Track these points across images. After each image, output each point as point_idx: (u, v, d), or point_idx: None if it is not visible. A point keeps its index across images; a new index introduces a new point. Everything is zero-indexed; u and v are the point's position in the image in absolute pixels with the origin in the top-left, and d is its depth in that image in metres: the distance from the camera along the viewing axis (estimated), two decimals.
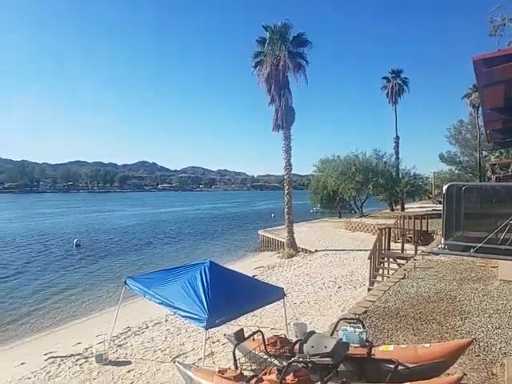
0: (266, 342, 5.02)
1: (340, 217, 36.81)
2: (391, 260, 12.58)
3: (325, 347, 3.77)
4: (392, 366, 3.71)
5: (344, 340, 4.08)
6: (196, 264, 7.38)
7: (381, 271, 12.08)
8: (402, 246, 13.33)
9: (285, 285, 11.49)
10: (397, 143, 36.28)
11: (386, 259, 12.52)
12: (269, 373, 3.90)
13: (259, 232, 28.22)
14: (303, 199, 47.57)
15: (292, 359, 3.96)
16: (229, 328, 7.61)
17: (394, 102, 36.26)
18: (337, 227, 28.92)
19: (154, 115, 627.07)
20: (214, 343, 7.90)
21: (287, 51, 20.16)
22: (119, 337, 9.09)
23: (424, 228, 16.45)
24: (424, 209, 33.74)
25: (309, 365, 3.86)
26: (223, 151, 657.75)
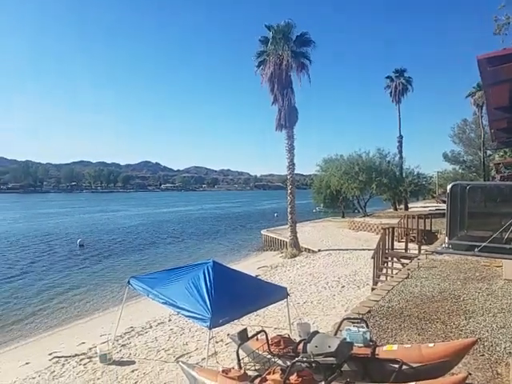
0: (270, 342, 5.02)
1: (343, 216, 36.73)
2: (395, 259, 12.54)
3: (329, 347, 3.77)
4: (396, 366, 3.70)
5: (348, 340, 4.07)
6: (199, 264, 7.38)
7: (384, 271, 12.05)
8: (406, 246, 13.29)
9: (288, 284, 11.49)
10: (400, 142, 36.14)
11: (390, 259, 12.48)
12: (272, 372, 3.90)
13: (262, 232, 28.19)
14: (306, 199, 47.49)
15: (296, 359, 3.95)
16: (232, 328, 7.61)
17: (398, 102, 36.11)
18: (340, 227, 28.86)
19: (156, 115, 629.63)
20: (218, 343, 7.91)
21: (290, 51, 20.14)
22: (123, 336, 9.11)
23: (428, 227, 16.39)
24: (428, 208, 33.62)
25: (313, 364, 3.86)
26: (226, 151, 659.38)
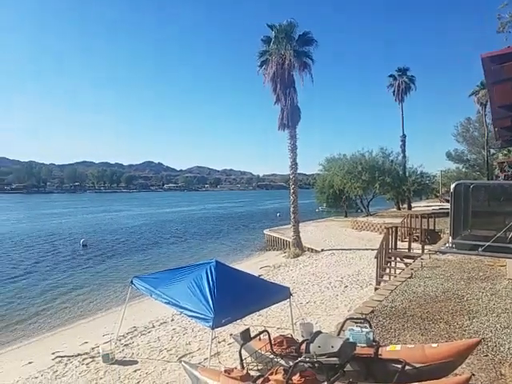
0: (273, 342, 5.00)
1: (346, 216, 36.67)
2: (398, 259, 12.50)
3: (331, 347, 3.75)
4: (399, 366, 3.68)
5: (351, 340, 4.05)
6: (202, 263, 7.39)
7: (388, 270, 12.01)
8: (409, 245, 13.25)
9: (291, 284, 11.47)
10: (403, 141, 36.05)
11: (393, 258, 12.45)
12: (275, 373, 3.88)
13: (265, 231, 28.19)
14: (309, 198, 47.50)
15: (299, 359, 3.94)
16: (235, 328, 7.60)
17: (401, 101, 36.02)
18: (343, 226, 28.81)
19: (158, 115, 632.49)
20: (220, 343, 7.90)
21: (293, 50, 20.09)
22: (125, 336, 9.12)
23: (431, 227, 16.35)
24: (431, 207, 33.55)
25: (315, 365, 3.84)
26: (228, 151, 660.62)
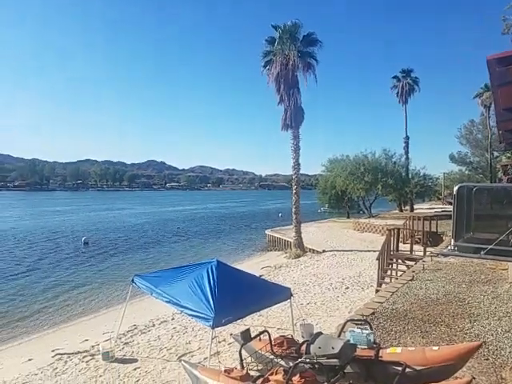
0: (273, 343, 5.00)
1: (348, 217, 36.62)
2: (400, 261, 12.46)
3: (332, 348, 3.74)
4: (400, 369, 3.66)
5: (351, 341, 4.04)
6: (203, 263, 7.37)
7: (389, 272, 11.98)
8: (411, 247, 13.21)
9: (292, 285, 11.44)
10: (406, 143, 35.99)
11: (395, 260, 12.41)
12: (275, 373, 3.88)
13: (266, 231, 28.19)
14: (311, 199, 47.46)
15: (299, 360, 3.93)
16: (235, 327, 7.59)
17: (404, 102, 35.99)
18: (345, 227, 28.78)
19: (160, 115, 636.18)
20: (220, 342, 7.89)
21: (297, 50, 20.09)
22: (126, 335, 9.11)
23: (433, 229, 16.28)
24: (433, 210, 33.43)
25: (316, 366, 3.84)
26: (231, 150, 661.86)
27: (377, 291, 10.33)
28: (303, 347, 4.39)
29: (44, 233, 32.88)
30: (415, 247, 13.59)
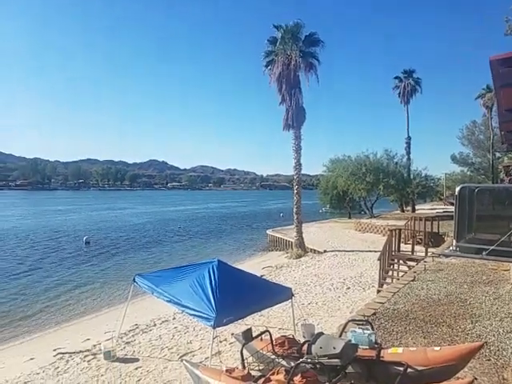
0: (274, 343, 5.00)
1: (350, 217, 36.58)
2: (401, 262, 12.45)
3: (333, 348, 3.74)
4: (401, 369, 3.66)
5: (353, 342, 4.04)
6: (204, 263, 7.38)
7: (390, 273, 11.97)
8: (413, 248, 13.20)
9: (293, 285, 11.45)
10: (408, 144, 35.95)
11: (396, 261, 12.41)
12: (276, 373, 3.88)
13: (268, 231, 28.17)
14: (312, 199, 47.38)
15: (300, 360, 3.93)
16: (236, 327, 7.60)
17: (406, 103, 35.95)
18: (346, 228, 28.75)
19: (162, 114, 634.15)
20: (221, 342, 7.90)
21: (299, 50, 20.09)
22: (127, 334, 9.12)
23: (435, 230, 16.26)
24: (435, 210, 33.37)
25: (317, 366, 3.84)
26: (232, 150, 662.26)
27: (378, 291, 10.33)
28: (304, 347, 4.38)
29: (46, 232, 32.95)
30: (417, 248, 13.57)
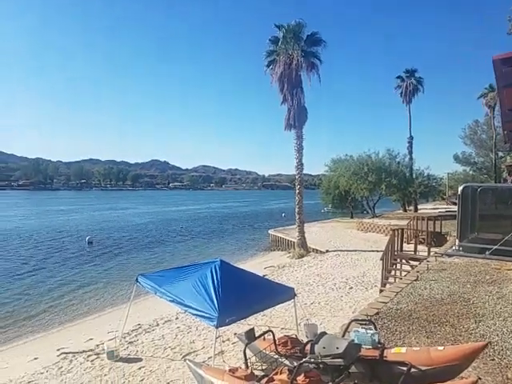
0: (277, 342, 5.01)
1: (352, 217, 36.55)
2: (404, 261, 12.43)
3: (336, 348, 3.74)
4: (404, 369, 3.65)
5: (356, 341, 4.04)
6: (207, 262, 7.39)
7: (393, 272, 11.94)
8: (415, 248, 13.17)
9: (295, 285, 11.45)
10: (410, 143, 35.89)
11: (399, 260, 12.38)
12: (280, 373, 3.88)
13: (270, 231, 28.17)
14: (314, 199, 47.38)
15: (303, 359, 3.93)
16: (239, 327, 7.61)
17: (408, 102, 35.87)
18: (348, 228, 28.72)
19: (164, 114, 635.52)
20: (224, 342, 7.91)
21: (301, 50, 20.06)
22: (130, 334, 9.15)
23: (437, 229, 16.23)
24: (437, 210, 33.35)
25: (320, 365, 3.83)
26: (234, 150, 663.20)
27: (381, 291, 10.30)
28: (307, 347, 4.39)
29: (49, 232, 33.05)
30: (419, 247, 13.53)
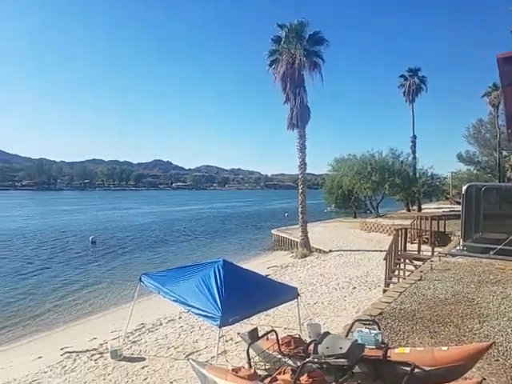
0: (280, 342, 5.00)
1: (355, 217, 36.46)
2: (407, 261, 12.40)
3: (340, 348, 3.73)
4: (408, 369, 3.64)
5: (359, 341, 4.02)
6: (210, 262, 7.39)
7: (396, 272, 11.92)
8: (419, 247, 13.13)
9: (298, 285, 11.43)
10: (414, 142, 35.79)
11: (402, 260, 12.35)
12: (283, 372, 3.88)
13: (273, 231, 28.16)
14: (317, 199, 47.29)
15: (307, 359, 3.92)
16: (242, 327, 7.60)
17: (412, 101, 35.78)
18: (352, 227, 28.66)
19: (166, 114, 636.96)
20: (227, 341, 7.91)
21: (303, 49, 20.05)
22: (133, 333, 9.17)
23: (441, 229, 16.19)
24: (441, 209, 33.20)
25: (324, 365, 3.83)
26: (236, 150, 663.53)
27: (384, 291, 10.29)
28: (311, 347, 4.37)
29: (52, 232, 33.19)
30: (423, 247, 13.50)
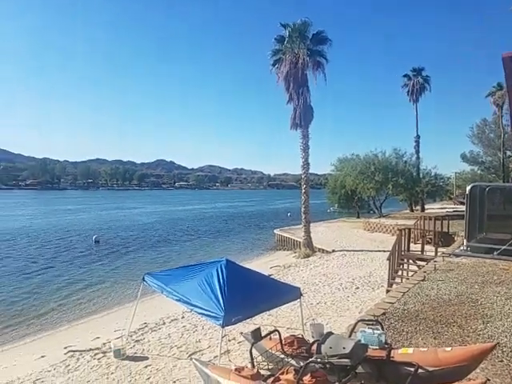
0: (283, 342, 5.00)
1: (358, 217, 36.40)
2: (411, 261, 12.37)
3: (343, 348, 3.72)
4: (412, 369, 3.62)
5: (362, 341, 4.02)
6: (213, 262, 7.40)
7: (400, 273, 11.89)
8: (422, 248, 13.08)
9: (301, 285, 11.41)
10: (417, 142, 35.64)
11: (406, 260, 12.31)
12: (286, 372, 3.88)
13: (275, 231, 28.14)
14: (320, 199, 47.23)
15: (310, 359, 3.92)
16: (244, 326, 7.61)
17: (415, 101, 35.63)
18: (355, 227, 28.60)
19: (169, 114, 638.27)
20: (230, 341, 7.92)
21: (306, 49, 20.01)
22: (137, 332, 9.19)
23: (445, 229, 16.12)
24: (445, 209, 33.12)
25: (327, 366, 3.82)
26: (239, 150, 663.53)
27: (387, 291, 10.25)
28: (314, 347, 4.37)
29: (56, 231, 33.31)
30: (426, 247, 13.44)
